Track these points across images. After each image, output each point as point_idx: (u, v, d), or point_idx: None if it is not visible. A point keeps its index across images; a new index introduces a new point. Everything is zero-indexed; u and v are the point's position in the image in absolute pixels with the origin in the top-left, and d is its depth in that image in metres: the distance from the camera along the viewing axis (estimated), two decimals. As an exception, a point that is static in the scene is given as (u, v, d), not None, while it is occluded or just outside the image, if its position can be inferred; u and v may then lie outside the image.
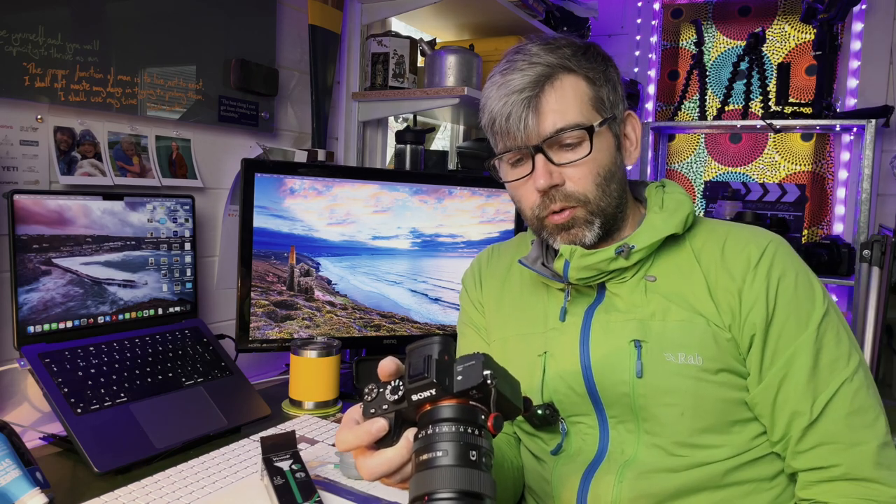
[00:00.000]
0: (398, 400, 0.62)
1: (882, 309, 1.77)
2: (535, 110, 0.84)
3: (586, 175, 0.87)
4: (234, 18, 1.54)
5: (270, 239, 1.42)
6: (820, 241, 2.52)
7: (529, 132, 0.85)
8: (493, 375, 0.60)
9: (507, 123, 0.86)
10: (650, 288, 0.88)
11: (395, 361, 0.65)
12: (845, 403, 0.81)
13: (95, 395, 1.10)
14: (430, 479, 0.57)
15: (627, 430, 0.87)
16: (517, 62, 0.87)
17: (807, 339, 0.82)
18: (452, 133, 2.63)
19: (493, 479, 0.59)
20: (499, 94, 0.86)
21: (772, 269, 0.85)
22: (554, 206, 0.87)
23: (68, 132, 1.25)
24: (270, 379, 1.60)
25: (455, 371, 0.61)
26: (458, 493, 0.56)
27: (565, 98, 0.85)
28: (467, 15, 2.07)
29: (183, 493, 0.96)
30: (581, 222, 0.88)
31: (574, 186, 0.87)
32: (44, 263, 1.15)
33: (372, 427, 0.63)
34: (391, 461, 0.62)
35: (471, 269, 1.10)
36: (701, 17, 2.92)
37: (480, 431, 0.60)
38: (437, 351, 0.60)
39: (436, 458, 0.58)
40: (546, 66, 0.85)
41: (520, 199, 0.92)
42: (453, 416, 0.60)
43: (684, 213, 0.90)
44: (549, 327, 0.93)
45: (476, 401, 0.61)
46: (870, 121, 2.33)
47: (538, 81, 0.85)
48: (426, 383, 0.59)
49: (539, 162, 0.86)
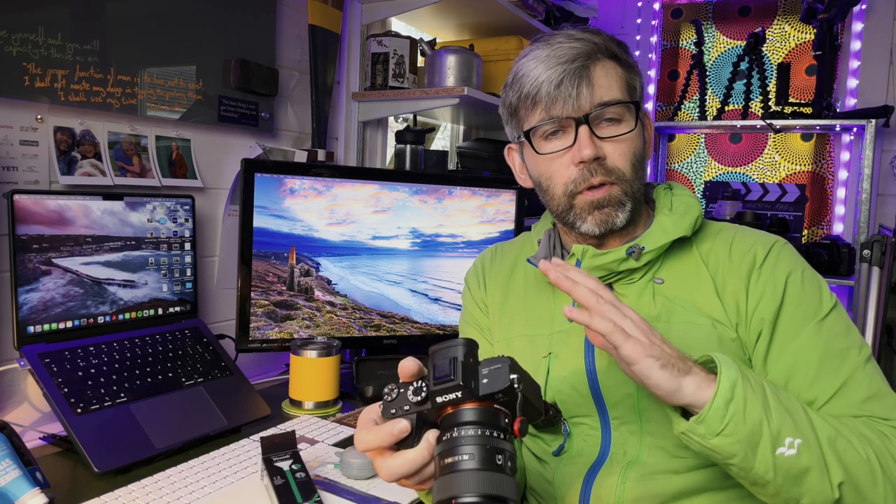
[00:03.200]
0: (421, 401, 0.62)
1: (882, 309, 1.77)
2: (587, 79, 0.85)
3: (626, 152, 0.87)
4: (234, 18, 1.54)
5: (270, 239, 1.42)
6: (820, 241, 2.52)
7: (582, 101, 0.85)
8: (520, 379, 0.60)
9: (556, 91, 0.85)
10: (658, 290, 0.88)
11: (416, 362, 0.65)
12: (862, 388, 0.80)
13: (95, 395, 1.10)
14: (455, 483, 0.57)
15: (630, 432, 0.87)
16: (559, 39, 0.87)
17: (815, 329, 0.82)
18: (452, 133, 2.63)
19: (517, 482, 0.59)
20: (547, 64, 0.86)
21: (778, 266, 0.86)
22: (594, 179, 0.86)
23: (68, 132, 1.25)
24: (270, 379, 1.60)
25: (480, 374, 0.61)
26: (484, 498, 0.56)
27: (610, 76, 0.87)
28: (467, 15, 2.07)
29: (183, 493, 0.96)
30: (615, 201, 0.88)
31: (614, 162, 0.87)
32: (44, 263, 1.15)
33: (394, 428, 0.62)
34: (412, 462, 0.62)
35: (474, 268, 1.10)
36: (701, 17, 2.92)
37: (505, 435, 0.60)
38: (462, 353, 0.60)
39: (461, 461, 0.58)
40: (592, 44, 0.87)
41: (551, 174, 0.90)
42: (479, 419, 0.60)
43: (693, 216, 0.90)
44: (556, 329, 0.93)
45: (501, 404, 0.61)
46: (870, 121, 2.33)
47: (588, 55, 0.86)
48: (452, 385, 0.59)
49: (583, 132, 0.85)
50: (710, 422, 0.68)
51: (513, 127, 0.94)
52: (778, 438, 0.69)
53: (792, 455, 0.70)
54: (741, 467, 0.70)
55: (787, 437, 0.70)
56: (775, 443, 0.69)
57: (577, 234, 0.92)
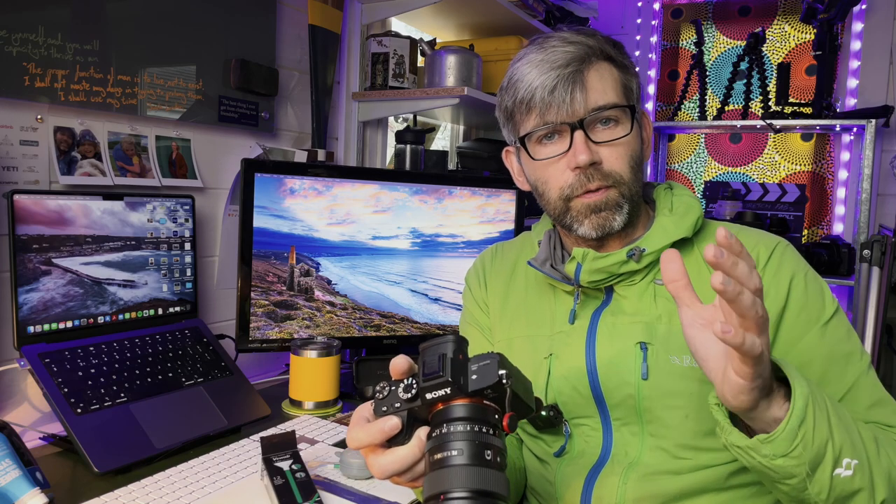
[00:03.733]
0: (411, 398, 0.62)
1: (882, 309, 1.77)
2: (581, 84, 0.84)
3: (623, 155, 0.86)
4: (234, 18, 1.54)
5: (270, 239, 1.42)
6: (820, 241, 2.52)
7: (576, 106, 0.84)
8: (509, 375, 0.60)
9: (550, 96, 0.84)
10: (659, 292, 0.88)
11: (407, 360, 0.65)
12: (866, 394, 0.81)
13: (95, 395, 1.10)
14: (444, 478, 0.57)
15: (631, 433, 0.87)
16: (553, 42, 0.86)
17: (819, 333, 0.82)
18: (452, 133, 2.63)
19: (507, 478, 0.59)
20: (540, 69, 0.85)
21: (781, 268, 0.85)
22: (591, 184, 0.86)
23: (68, 132, 1.25)
24: (270, 379, 1.60)
25: (469, 370, 0.61)
26: (473, 493, 0.56)
27: (605, 79, 0.86)
28: (467, 15, 2.07)
29: (183, 493, 0.96)
30: (613, 205, 0.87)
31: (611, 166, 0.86)
32: (44, 263, 1.15)
33: (385, 425, 0.62)
34: (404, 459, 0.62)
35: (474, 268, 1.10)
36: (701, 17, 2.92)
37: (495, 431, 0.60)
38: (451, 350, 0.60)
39: (450, 457, 0.58)
40: (587, 47, 0.86)
41: (547, 179, 0.89)
42: (468, 415, 0.60)
43: (694, 217, 0.90)
44: (556, 330, 0.93)
45: (490, 400, 0.61)
46: (870, 121, 2.33)
47: (582, 59, 0.85)
48: (441, 382, 0.59)
49: (579, 138, 0.85)
50: (779, 443, 0.63)
51: (509, 131, 0.94)
52: (839, 459, 0.66)
53: (848, 476, 0.67)
54: (795, 487, 0.66)
55: (846, 458, 0.66)
56: (836, 464, 0.66)
57: (576, 236, 0.92)
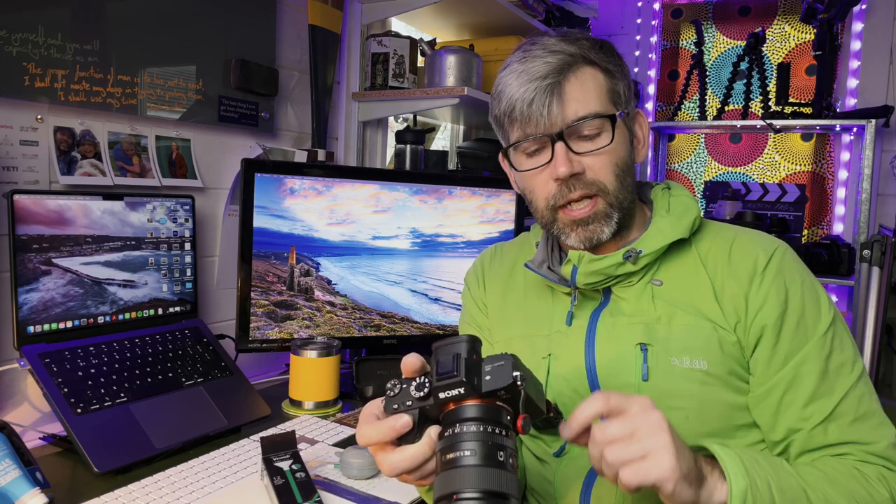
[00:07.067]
0: (423, 397, 0.62)
1: (882, 309, 1.77)
2: (558, 97, 0.83)
3: (606, 164, 0.86)
4: (234, 18, 1.54)
5: (270, 239, 1.42)
6: (820, 241, 2.51)
7: (553, 119, 0.84)
8: (523, 377, 0.60)
9: (528, 109, 0.84)
10: (656, 293, 0.87)
11: (419, 358, 0.65)
12: (851, 409, 0.81)
13: (95, 395, 1.10)
14: (456, 479, 0.57)
15: None
16: (536, 51, 0.85)
17: (816, 344, 0.82)
18: (452, 133, 2.63)
19: (518, 479, 0.59)
20: (519, 81, 0.85)
21: (780, 273, 0.85)
22: (573, 194, 0.85)
23: (68, 132, 1.25)
24: (270, 379, 1.60)
25: (483, 371, 0.61)
26: (485, 494, 0.56)
27: (586, 88, 0.85)
28: (467, 15, 2.07)
29: (183, 493, 0.96)
30: (601, 216, 0.86)
31: (594, 175, 0.85)
32: (44, 263, 1.15)
33: (396, 423, 0.62)
34: (414, 458, 0.62)
35: (474, 268, 1.10)
36: (701, 17, 2.92)
37: (507, 432, 0.60)
38: (465, 350, 0.61)
39: (463, 457, 0.58)
40: (568, 55, 0.85)
41: (533, 189, 0.89)
42: (481, 415, 0.60)
43: (691, 218, 0.89)
44: (554, 330, 0.93)
45: (503, 401, 0.61)
46: (870, 121, 2.32)
47: (561, 69, 0.84)
48: (455, 382, 0.59)
49: (559, 149, 0.84)
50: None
51: (501, 137, 0.94)
52: None
53: None
54: None
55: None
56: None
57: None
